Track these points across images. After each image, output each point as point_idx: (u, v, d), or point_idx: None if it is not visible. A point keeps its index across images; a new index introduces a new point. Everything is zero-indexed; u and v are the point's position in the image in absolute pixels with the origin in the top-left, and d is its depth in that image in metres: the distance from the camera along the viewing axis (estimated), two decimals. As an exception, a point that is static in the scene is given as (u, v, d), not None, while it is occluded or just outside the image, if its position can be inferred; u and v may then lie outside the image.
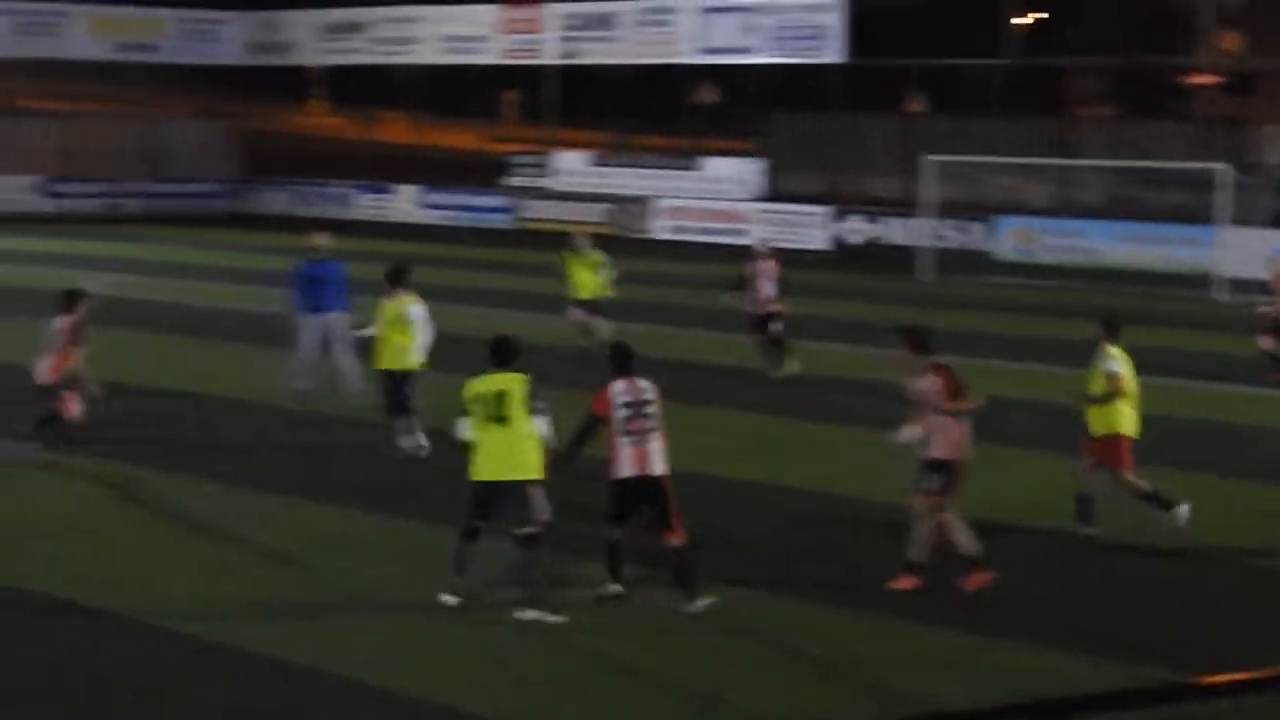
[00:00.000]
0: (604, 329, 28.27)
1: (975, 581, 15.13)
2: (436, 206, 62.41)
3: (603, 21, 60.99)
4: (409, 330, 20.10)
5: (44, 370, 20.30)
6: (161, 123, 68.25)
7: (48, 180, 63.91)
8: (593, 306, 29.16)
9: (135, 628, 13.70)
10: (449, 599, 14.11)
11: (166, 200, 65.33)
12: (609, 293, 29.56)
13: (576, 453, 14.54)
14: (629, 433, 14.25)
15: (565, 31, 61.54)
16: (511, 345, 14.42)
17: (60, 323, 20.22)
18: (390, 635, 13.58)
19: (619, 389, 14.43)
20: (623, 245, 44.47)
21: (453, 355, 21.87)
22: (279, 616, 14.11)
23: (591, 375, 16.79)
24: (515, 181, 61.89)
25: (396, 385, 20.25)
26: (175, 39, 67.38)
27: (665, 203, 57.35)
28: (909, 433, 15.35)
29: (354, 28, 66.62)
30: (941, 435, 15.17)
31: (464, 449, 14.21)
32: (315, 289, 23.17)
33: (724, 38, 58.01)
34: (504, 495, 14.03)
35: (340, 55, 67.74)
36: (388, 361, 20.34)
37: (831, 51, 55.75)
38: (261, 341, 29.17)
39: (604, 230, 48.96)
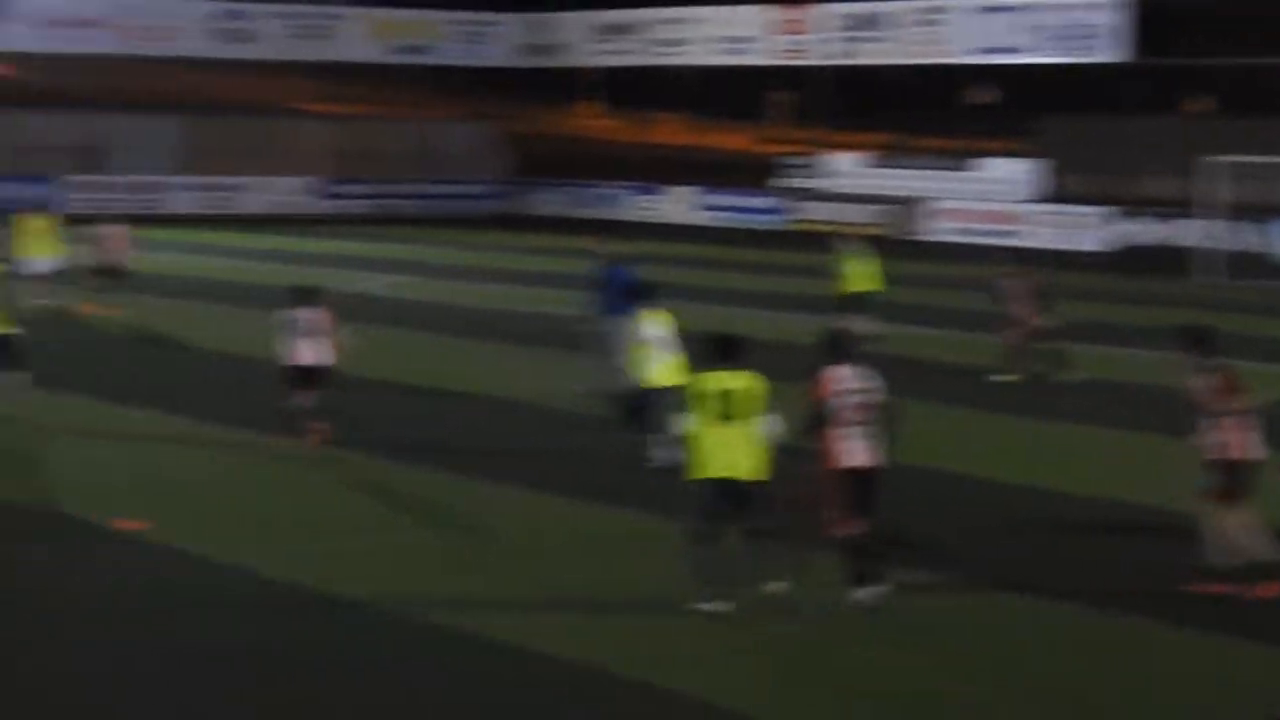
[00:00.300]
0: (871, 327, 27.89)
1: (1266, 590, 14.67)
2: (708, 208, 62.60)
3: (874, 21, 60.58)
4: (648, 348, 19.57)
5: (303, 354, 20.68)
6: (434, 125, 69.35)
7: (322, 182, 65.37)
8: (859, 303, 28.95)
9: (418, 629, 13.54)
10: (706, 606, 13.84)
11: (438, 202, 66.30)
12: (875, 289, 29.38)
13: (810, 440, 14.17)
14: (850, 423, 14.13)
15: (837, 32, 61.27)
16: (738, 343, 14.30)
17: (307, 314, 20.64)
18: (665, 634, 13.48)
19: (841, 375, 14.31)
20: (895, 247, 44.09)
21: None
22: (566, 614, 14.09)
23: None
24: (786, 183, 61.93)
25: (641, 400, 19.82)
26: (449, 41, 68.34)
27: (939, 204, 56.84)
28: (1204, 436, 15.04)
29: (626, 29, 67.01)
30: (1221, 435, 14.91)
31: (683, 444, 14.11)
32: (605, 293, 23.37)
33: (998, 37, 57.22)
34: (730, 494, 13.90)
35: (612, 57, 68.15)
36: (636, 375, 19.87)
37: (1108, 50, 54.67)
38: (531, 343, 29.56)
39: (876, 232, 48.59)
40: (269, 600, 14.25)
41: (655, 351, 19.55)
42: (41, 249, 33.78)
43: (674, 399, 15.60)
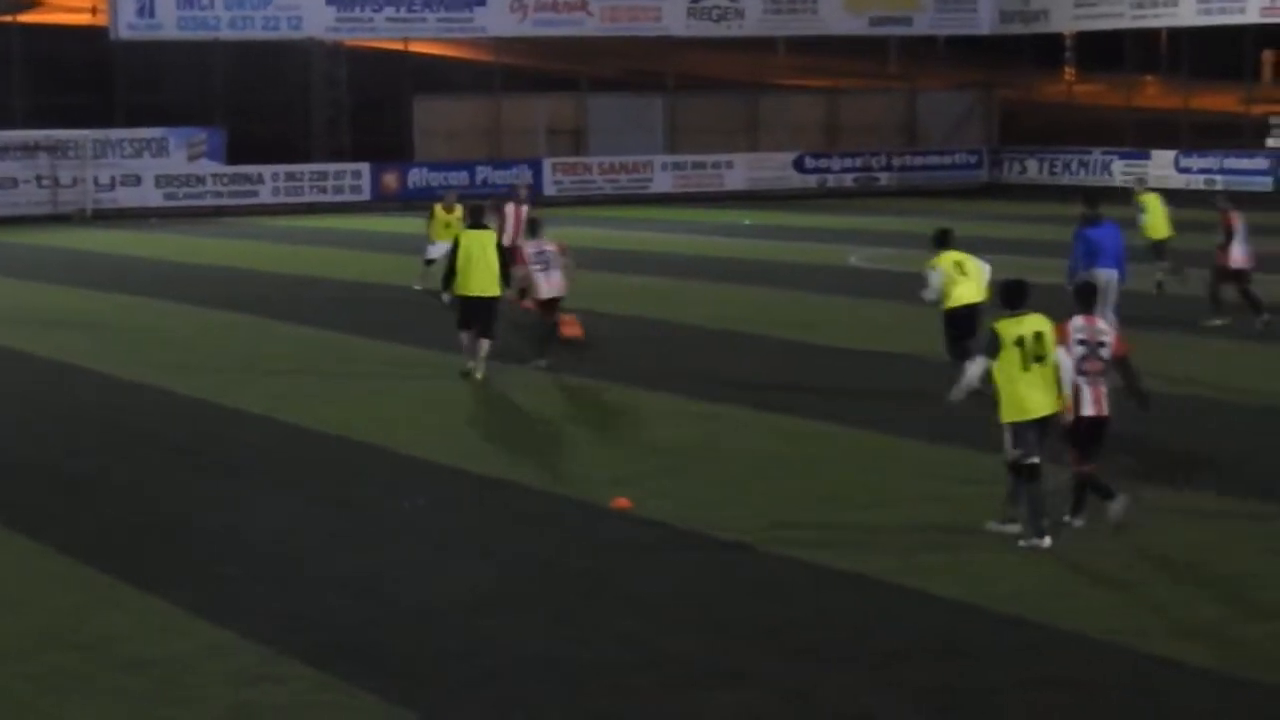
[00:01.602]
0: None
1: None
2: (1193, 170, 61.48)
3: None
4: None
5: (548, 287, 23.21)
6: (918, 96, 69.56)
7: (806, 156, 66.33)
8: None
9: (750, 553, 14.77)
10: (1039, 542, 14.66)
11: (922, 173, 66.66)
12: None
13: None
14: (1084, 373, 14.76)
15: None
16: (1027, 287, 14.98)
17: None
18: (1009, 567, 14.28)
19: (1078, 325, 14.92)
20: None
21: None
22: (910, 548, 14.92)
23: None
24: (1276, 143, 60.22)
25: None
26: (931, 12, 68.29)
27: None
28: None
29: (1110, -10, 65.97)
30: None
31: (984, 385, 14.95)
32: (1091, 253, 24.14)
33: None
34: (1039, 430, 14.68)
35: (1095, 21, 67.09)
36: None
37: None
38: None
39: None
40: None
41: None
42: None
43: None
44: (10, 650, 12.64)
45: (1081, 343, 14.85)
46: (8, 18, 60.85)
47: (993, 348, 14.72)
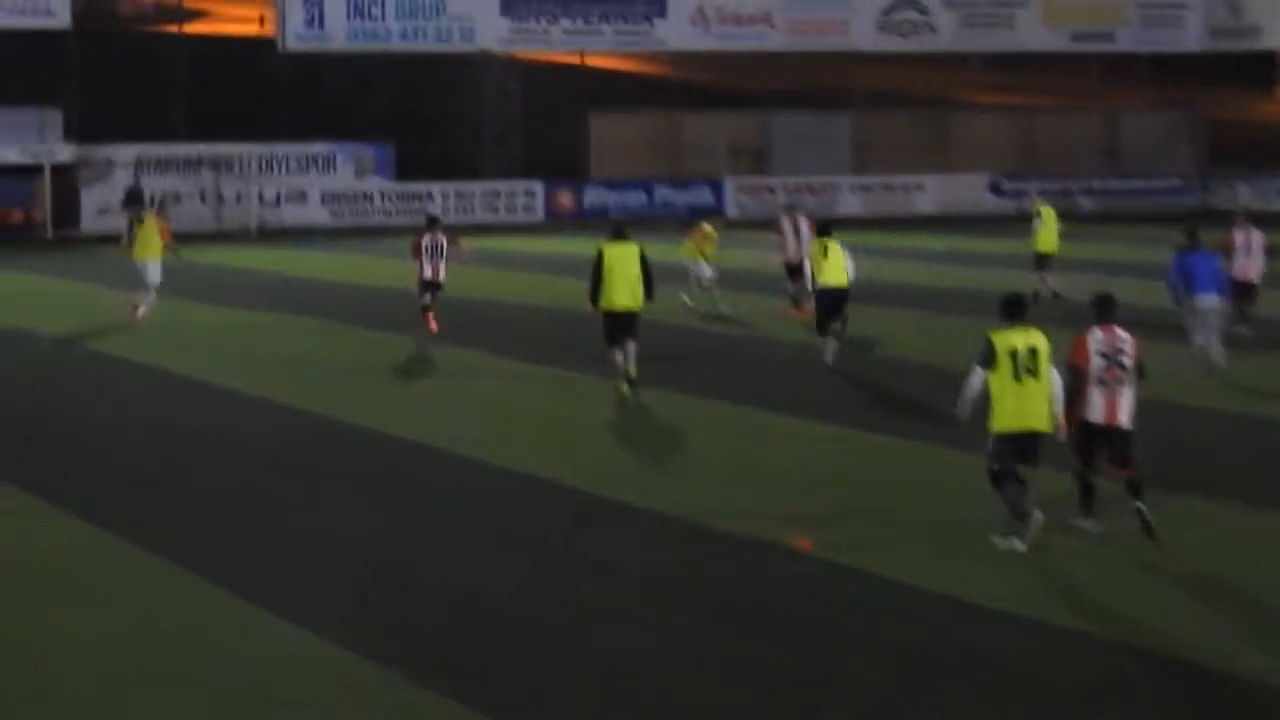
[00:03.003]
0: None
1: None
2: None
3: None
4: None
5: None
6: (1120, 115, 67.69)
7: (1001, 178, 64.63)
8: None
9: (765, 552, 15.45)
10: (1018, 544, 15.28)
11: (1125, 198, 64.57)
12: None
13: (1071, 410, 15.69)
14: (1102, 381, 15.55)
15: None
16: (1024, 301, 15.93)
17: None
18: (1025, 568, 14.93)
19: (1097, 338, 15.71)
20: None
21: None
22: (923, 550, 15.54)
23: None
24: None
25: None
26: (1135, 27, 66.41)
27: None
28: None
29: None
30: None
31: (981, 395, 15.52)
32: (1189, 279, 25.64)
33: None
34: (1031, 445, 15.43)
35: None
36: None
37: None
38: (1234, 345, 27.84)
39: None
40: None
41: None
42: (698, 254, 34.39)
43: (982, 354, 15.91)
44: (108, 646, 13.09)
45: (1101, 354, 15.64)
46: (172, 28, 60.89)
47: (986, 356, 15.37)
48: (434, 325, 29.82)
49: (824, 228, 27.40)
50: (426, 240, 30.35)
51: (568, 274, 38.72)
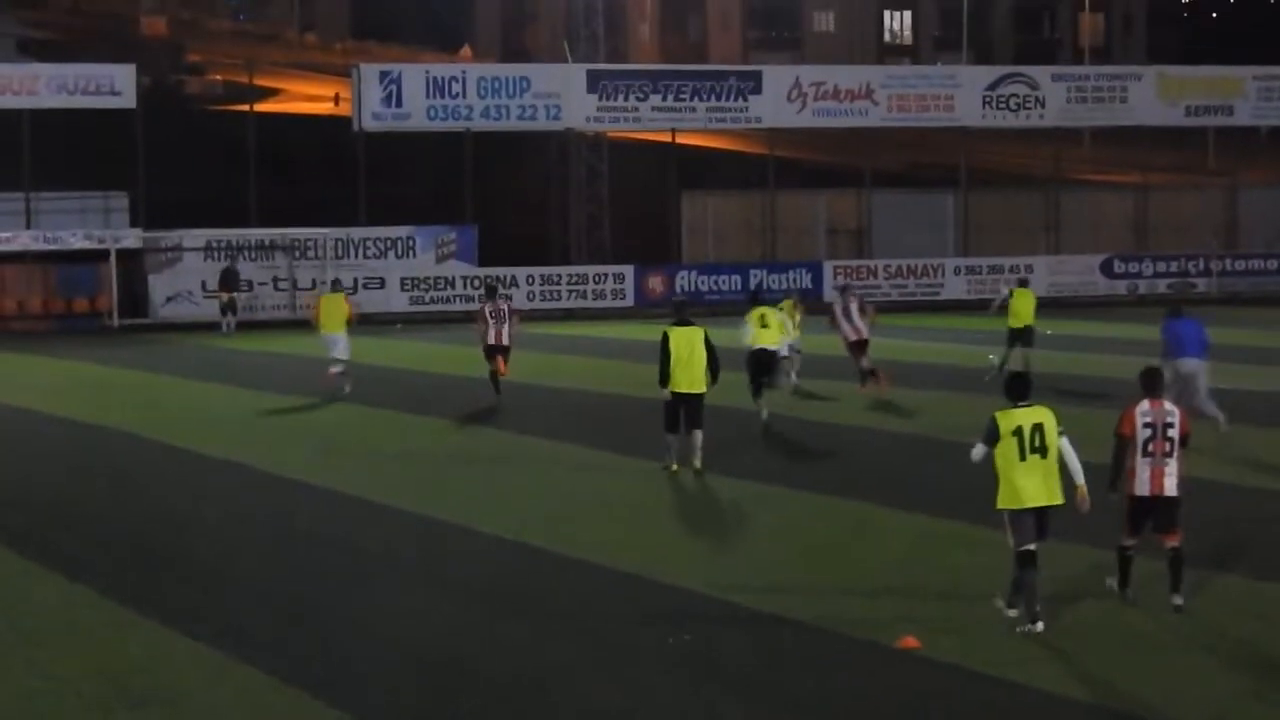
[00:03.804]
0: None
1: None
2: None
3: None
4: None
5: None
6: (1238, 190, 66.00)
7: (1114, 258, 62.93)
8: None
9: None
10: (1032, 628, 15.55)
11: (1245, 278, 62.97)
12: None
13: (1116, 479, 16.32)
14: (1149, 454, 16.18)
15: None
16: (1029, 380, 16.33)
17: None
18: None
19: (1143, 410, 16.32)
20: None
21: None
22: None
23: None
24: None
25: None
26: (1254, 100, 64.49)
27: None
28: None
29: None
30: None
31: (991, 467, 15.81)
32: (1178, 343, 27.98)
33: None
34: (1037, 519, 15.79)
35: None
36: None
37: None
38: None
39: None
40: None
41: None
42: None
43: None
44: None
45: (1147, 425, 16.23)
46: (242, 106, 59.86)
47: (990, 435, 15.88)
48: (504, 368, 32.82)
49: (754, 296, 30.99)
50: (489, 307, 33.01)
51: (646, 359, 37.98)
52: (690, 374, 24.11)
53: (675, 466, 24.00)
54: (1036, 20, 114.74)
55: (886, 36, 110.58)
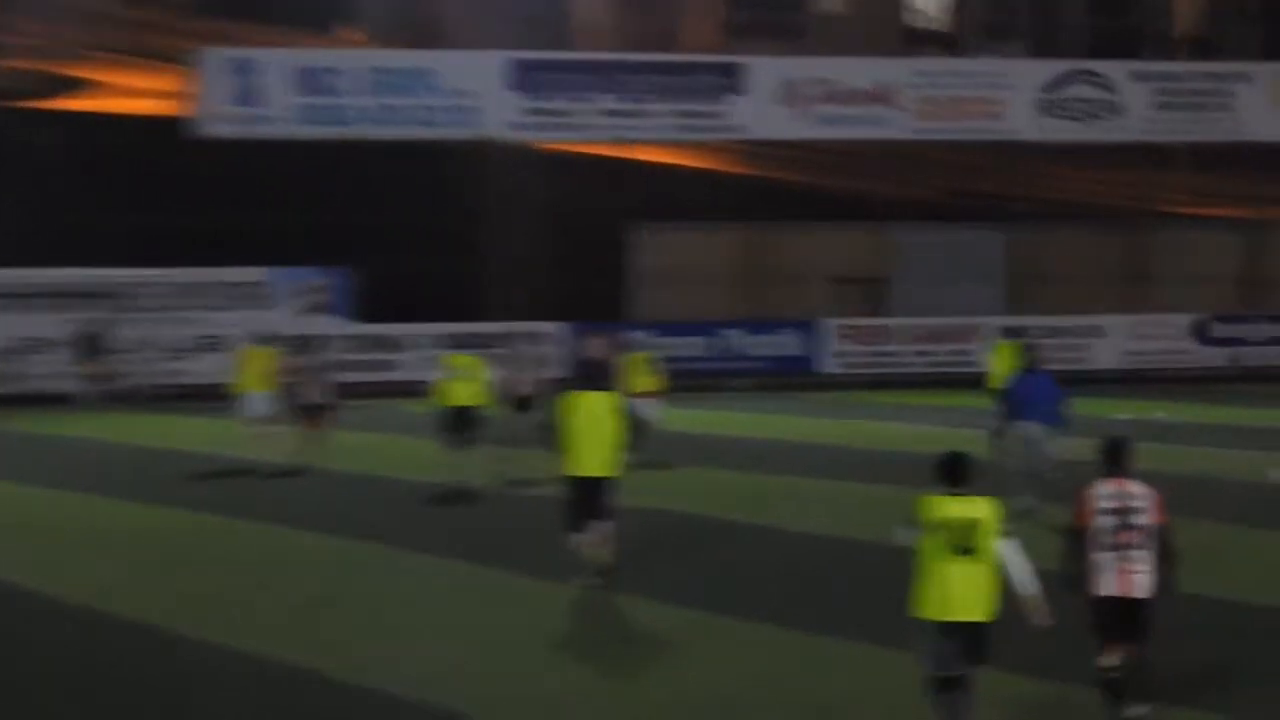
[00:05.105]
0: None
1: None
2: None
3: None
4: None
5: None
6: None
7: (1213, 319, 63.30)
8: None
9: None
10: None
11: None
12: None
13: (1075, 579, 17.34)
14: (1112, 545, 17.16)
15: None
16: (970, 464, 17.07)
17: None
18: None
19: (1104, 492, 17.34)
20: None
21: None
22: None
23: None
24: None
25: None
26: None
27: None
28: None
29: None
30: None
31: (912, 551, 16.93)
32: (1017, 405, 31.09)
33: None
34: (964, 636, 16.66)
35: None
36: None
37: None
38: None
39: None
40: None
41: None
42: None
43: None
44: None
45: (1111, 511, 17.18)
46: (39, 103, 59.83)
47: (915, 522, 16.83)
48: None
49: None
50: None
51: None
52: (593, 452, 25.09)
53: (589, 580, 25.18)
54: (1117, 1, 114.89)
55: (915, 20, 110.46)
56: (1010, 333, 43.97)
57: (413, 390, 53.36)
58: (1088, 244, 64.46)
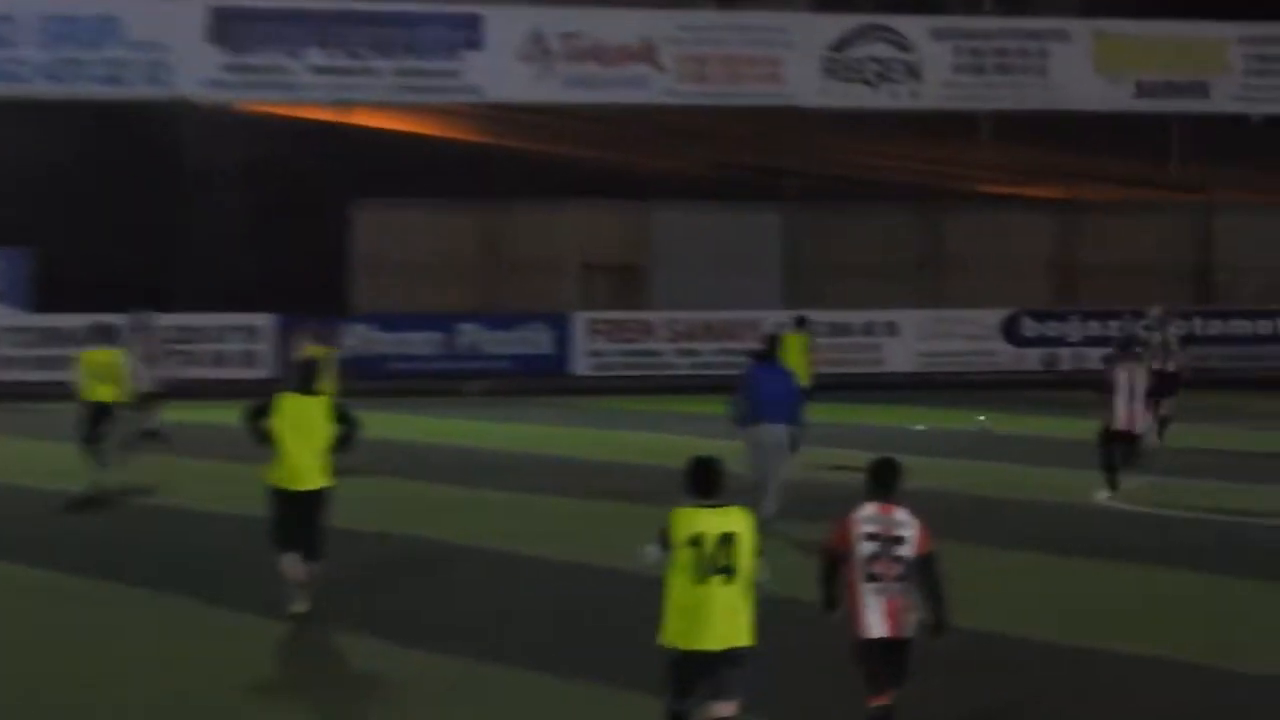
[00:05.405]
0: None
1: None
2: None
3: None
4: None
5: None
6: (1214, 214, 66.18)
7: (1024, 315, 62.87)
8: None
9: None
10: None
11: (1214, 347, 61.68)
12: None
13: (831, 604, 17.34)
14: (873, 576, 17.13)
15: None
16: (722, 470, 16.93)
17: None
18: None
19: (865, 515, 17.30)
20: None
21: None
22: None
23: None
24: None
25: None
26: (1240, 76, 64.12)
27: None
28: None
29: None
30: None
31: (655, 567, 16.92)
32: (756, 401, 30.36)
33: None
34: (714, 666, 16.47)
35: None
36: None
37: None
38: None
39: None
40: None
41: None
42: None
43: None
44: None
45: (871, 537, 17.12)
46: None
47: (663, 540, 16.60)
48: None
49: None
50: None
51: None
52: (307, 461, 24.77)
53: (300, 608, 24.60)
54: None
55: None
56: (799, 321, 43.42)
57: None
58: (880, 228, 64.04)
